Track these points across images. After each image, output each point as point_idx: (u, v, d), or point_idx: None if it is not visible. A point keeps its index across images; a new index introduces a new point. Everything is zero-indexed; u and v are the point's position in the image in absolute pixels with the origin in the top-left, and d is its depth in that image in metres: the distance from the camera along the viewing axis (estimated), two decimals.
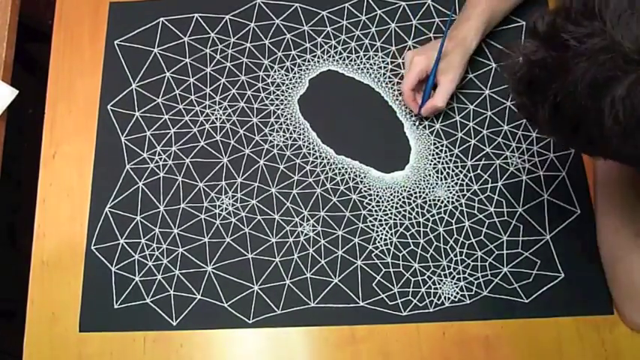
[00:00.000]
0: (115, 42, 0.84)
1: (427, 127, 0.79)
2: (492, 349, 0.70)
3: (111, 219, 0.77)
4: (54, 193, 0.78)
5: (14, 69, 0.83)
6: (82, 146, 0.80)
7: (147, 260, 0.75)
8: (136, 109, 0.81)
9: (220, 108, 0.81)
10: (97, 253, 0.75)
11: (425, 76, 0.75)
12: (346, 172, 0.77)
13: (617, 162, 0.49)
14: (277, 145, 0.79)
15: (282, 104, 0.81)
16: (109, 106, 0.81)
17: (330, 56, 0.83)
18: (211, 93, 0.82)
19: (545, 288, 0.71)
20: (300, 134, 0.79)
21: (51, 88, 0.83)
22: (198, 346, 0.72)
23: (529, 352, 0.70)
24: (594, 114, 0.41)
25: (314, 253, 0.74)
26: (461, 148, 0.78)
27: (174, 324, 0.72)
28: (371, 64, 0.82)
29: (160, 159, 0.79)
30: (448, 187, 0.76)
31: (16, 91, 0.79)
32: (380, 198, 0.76)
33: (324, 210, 0.76)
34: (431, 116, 0.78)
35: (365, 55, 0.83)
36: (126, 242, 0.76)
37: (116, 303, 0.73)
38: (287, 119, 0.80)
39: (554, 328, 0.70)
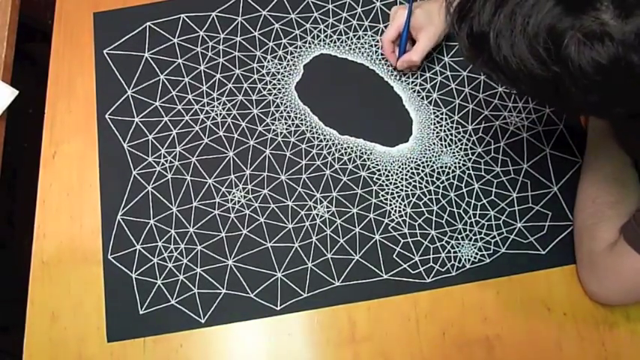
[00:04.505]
0: (104, 51, 0.84)
1: (425, 98, 0.80)
2: (492, 349, 0.69)
3: (124, 226, 0.76)
4: (54, 193, 0.78)
5: (14, 69, 0.83)
6: (82, 146, 0.80)
7: (166, 262, 0.74)
8: (135, 114, 0.81)
9: (219, 104, 0.81)
10: (114, 261, 0.75)
11: None
12: (352, 151, 0.78)
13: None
14: (281, 133, 0.80)
15: (279, 93, 0.82)
16: (107, 115, 0.81)
17: (320, 40, 0.84)
18: (208, 90, 0.82)
19: (559, 237, 0.73)
20: (301, 120, 0.80)
21: (51, 88, 0.83)
22: (197, 346, 0.71)
23: (529, 352, 0.69)
24: (496, 30, 0.46)
25: (332, 234, 0.75)
26: (460, 114, 0.79)
27: (203, 321, 0.72)
28: (362, 44, 0.83)
29: (166, 161, 0.79)
30: (453, 153, 0.78)
31: (16, 92, 0.79)
32: (389, 172, 0.77)
33: (336, 190, 0.77)
34: (408, 71, 0.80)
35: (355, 36, 0.84)
36: (142, 247, 0.75)
37: (141, 309, 0.73)
38: (287, 107, 0.81)
39: (555, 328, 0.69)
